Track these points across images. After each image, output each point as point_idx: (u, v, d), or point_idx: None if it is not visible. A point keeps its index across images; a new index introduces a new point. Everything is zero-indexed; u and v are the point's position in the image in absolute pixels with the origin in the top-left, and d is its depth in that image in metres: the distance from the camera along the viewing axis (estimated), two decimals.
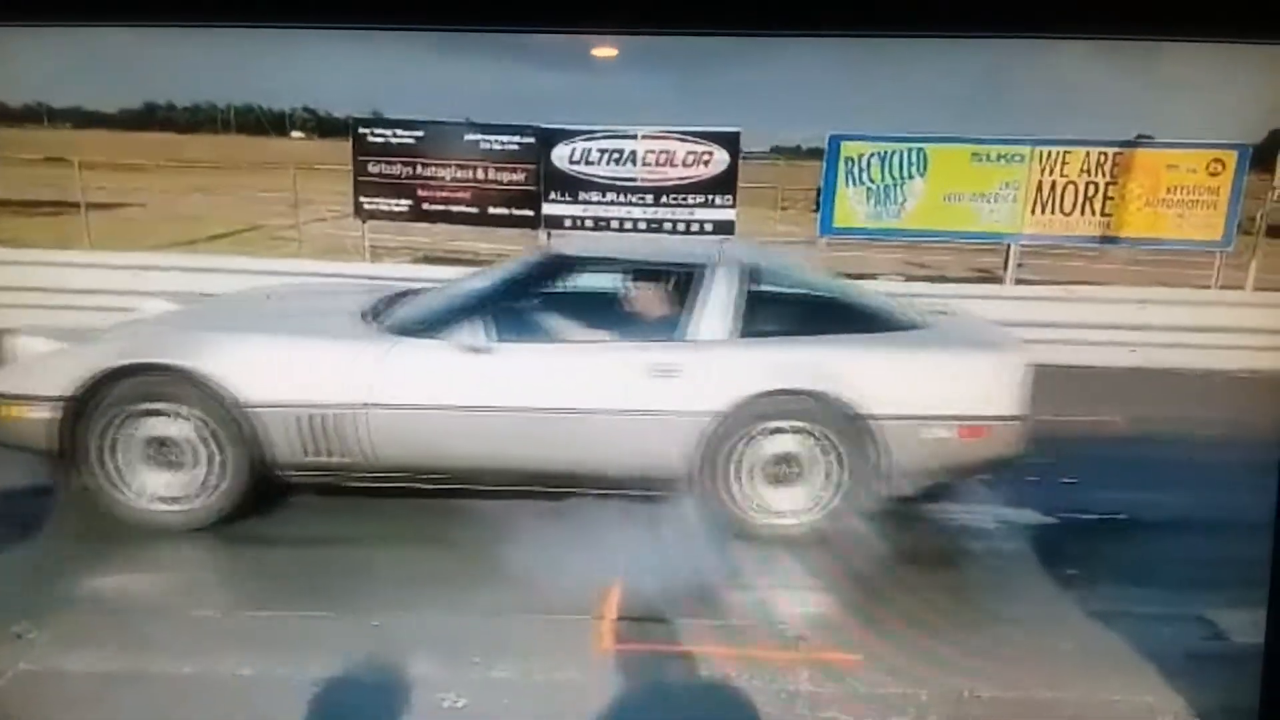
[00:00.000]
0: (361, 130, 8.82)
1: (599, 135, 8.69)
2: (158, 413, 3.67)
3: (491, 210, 8.83)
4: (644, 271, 4.21)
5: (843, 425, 3.78)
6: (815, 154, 9.19)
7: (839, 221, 8.93)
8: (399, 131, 8.81)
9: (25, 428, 3.64)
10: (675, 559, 3.53)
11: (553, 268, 4.28)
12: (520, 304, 4.06)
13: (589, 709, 2.74)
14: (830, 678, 2.96)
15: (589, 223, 8.79)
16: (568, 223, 8.80)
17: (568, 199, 8.77)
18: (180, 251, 9.81)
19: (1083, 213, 8.71)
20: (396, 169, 8.83)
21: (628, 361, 3.80)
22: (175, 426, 3.68)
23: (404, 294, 4.41)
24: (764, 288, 4.14)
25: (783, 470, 3.84)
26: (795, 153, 13.53)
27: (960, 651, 3.06)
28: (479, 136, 8.80)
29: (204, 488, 3.71)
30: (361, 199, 8.90)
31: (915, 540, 3.93)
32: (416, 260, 9.99)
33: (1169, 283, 8.57)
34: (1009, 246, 9.00)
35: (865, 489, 3.82)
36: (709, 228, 8.83)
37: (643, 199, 8.76)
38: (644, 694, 2.86)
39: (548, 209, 8.79)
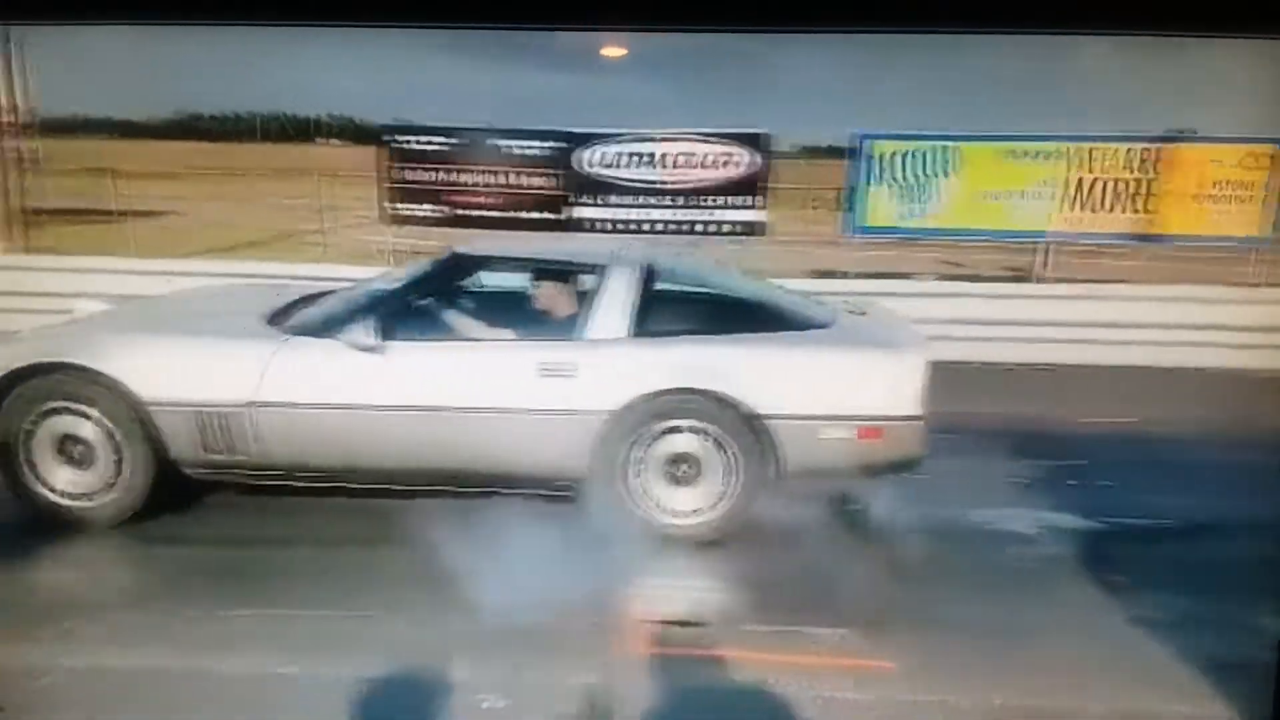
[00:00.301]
0: (388, 136, 9.01)
1: (624, 139, 8.76)
2: (66, 410, 3.80)
3: (519, 214, 8.95)
4: (543, 271, 4.20)
5: (737, 425, 3.73)
6: (842, 153, 9.10)
7: (869, 220, 8.84)
8: (426, 137, 8.98)
9: None
10: (571, 560, 3.52)
11: (453, 267, 4.27)
12: (419, 303, 4.08)
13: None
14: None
15: (615, 225, 8.85)
16: (594, 225, 8.87)
17: (594, 202, 8.86)
18: (214, 258, 10.09)
19: (1123, 210, 8.49)
20: (423, 174, 9.00)
21: (520, 360, 3.78)
22: (82, 425, 3.80)
23: (315, 295, 4.47)
24: (663, 287, 4.11)
25: (680, 470, 3.80)
26: (822, 152, 13.35)
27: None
28: (505, 141, 8.93)
29: (109, 485, 3.83)
30: (389, 204, 9.10)
31: (960, 549, 3.89)
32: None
33: (1207, 280, 8.28)
34: (1045, 245, 8.82)
35: (762, 488, 3.77)
36: (738, 229, 8.86)
37: (669, 201, 8.81)
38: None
39: (574, 212, 8.90)
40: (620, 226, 8.81)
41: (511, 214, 8.93)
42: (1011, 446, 4.85)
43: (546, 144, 8.83)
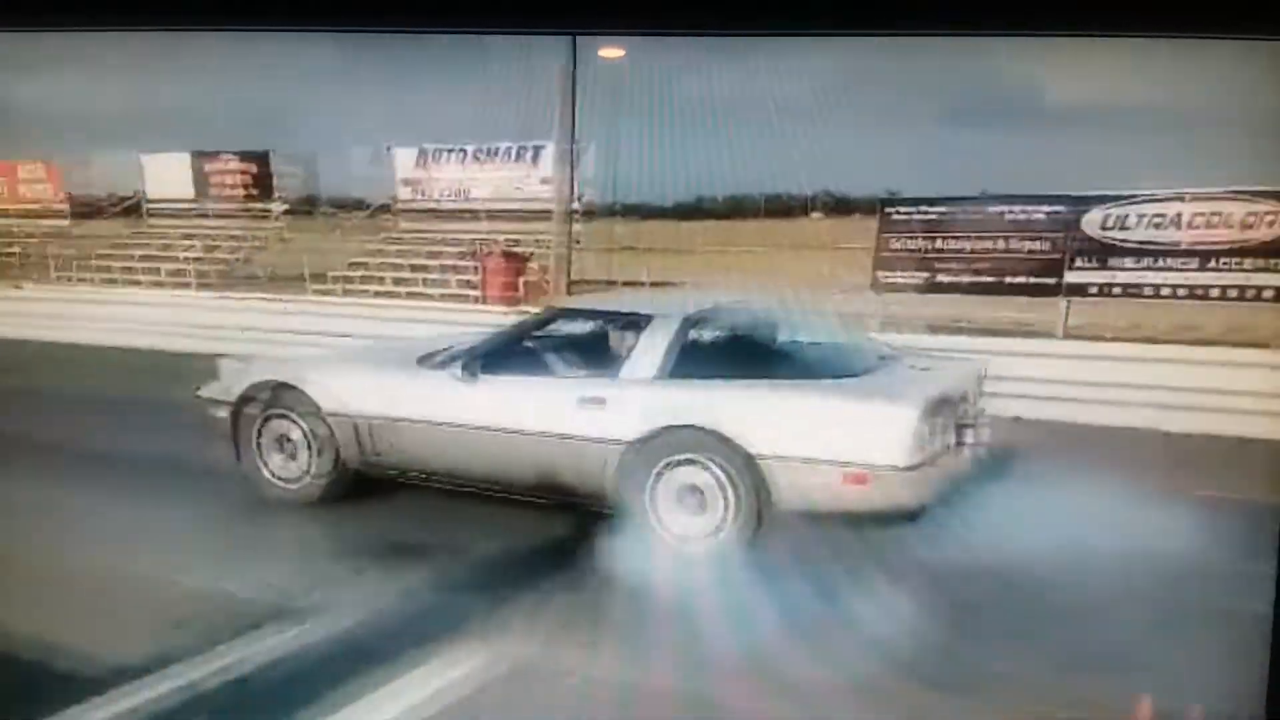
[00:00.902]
0: (887, 209, 9.31)
1: (1139, 200, 8.36)
2: (283, 416, 5.24)
3: (1008, 280, 8.81)
4: (609, 319, 4.93)
5: (736, 462, 4.18)
6: None
7: None
8: (922, 208, 9.19)
9: (215, 423, 5.42)
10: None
11: (547, 318, 5.19)
12: (516, 346, 5.03)
13: None
14: None
15: (1117, 289, 8.43)
16: (1094, 289, 8.49)
17: (1095, 265, 8.50)
18: None
19: None
20: (915, 243, 9.18)
21: (566, 393, 4.59)
22: (292, 429, 5.22)
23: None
24: (702, 335, 4.65)
25: (687, 498, 4.33)
26: None
27: None
28: (1004, 207, 8.83)
29: (306, 473, 5.20)
30: (880, 273, 9.34)
31: None
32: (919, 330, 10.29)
33: None
34: None
35: (759, 520, 4.17)
36: (1261, 293, 7.92)
37: (1183, 264, 8.20)
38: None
39: (1072, 276, 8.58)
40: (1120, 290, 8.37)
41: (1002, 279, 8.77)
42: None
43: (1049, 208, 8.61)
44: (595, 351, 5.00)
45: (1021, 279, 8.60)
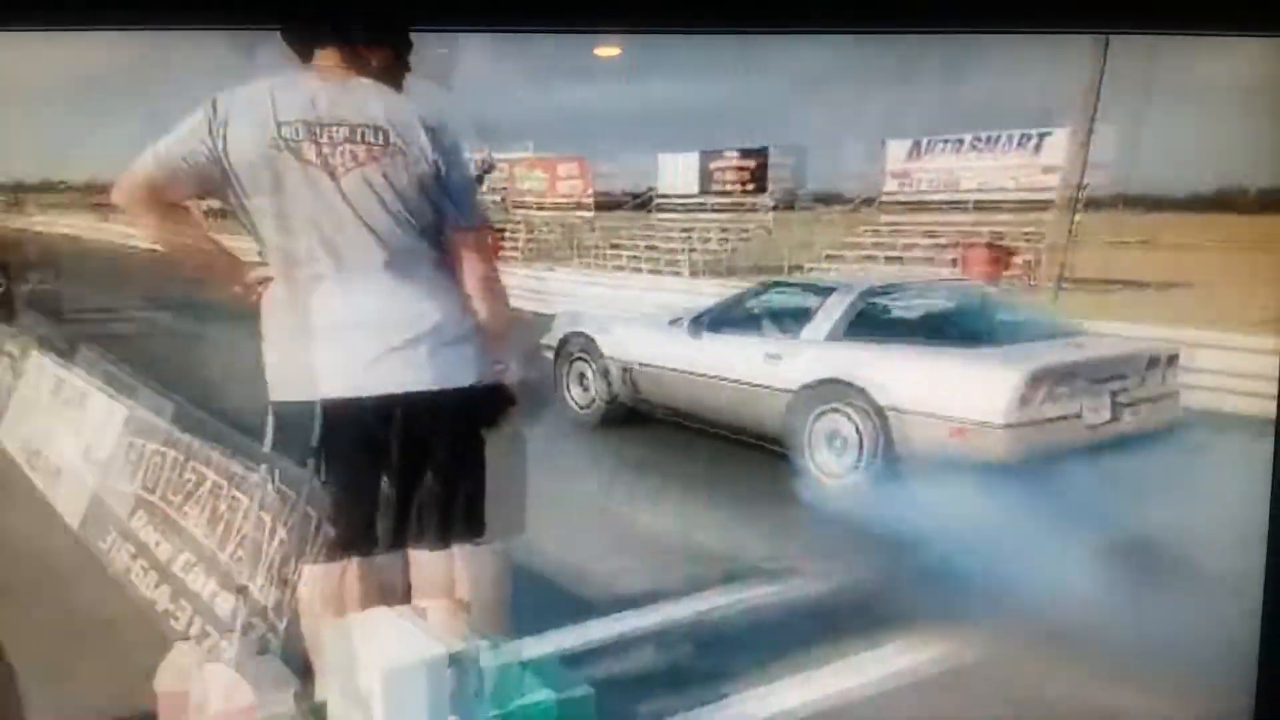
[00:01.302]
0: None
1: None
2: (581, 359, 6.73)
3: None
4: (806, 289, 5.74)
5: (868, 412, 4.88)
6: None
7: None
8: None
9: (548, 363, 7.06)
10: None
11: (762, 288, 6.14)
12: (735, 310, 6.02)
13: None
14: None
15: None
16: None
17: None
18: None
19: None
20: None
21: (759, 349, 5.52)
22: (586, 368, 6.69)
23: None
24: (881, 304, 5.39)
25: (833, 441, 5.08)
26: None
27: None
28: None
29: (592, 402, 6.65)
30: None
31: None
32: None
33: None
34: None
35: (885, 463, 4.83)
36: None
37: None
38: None
39: None
40: None
41: None
42: None
43: None
44: (790, 317, 5.85)
45: None
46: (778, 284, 6.40)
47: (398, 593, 2.43)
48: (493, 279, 2.50)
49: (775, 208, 10.93)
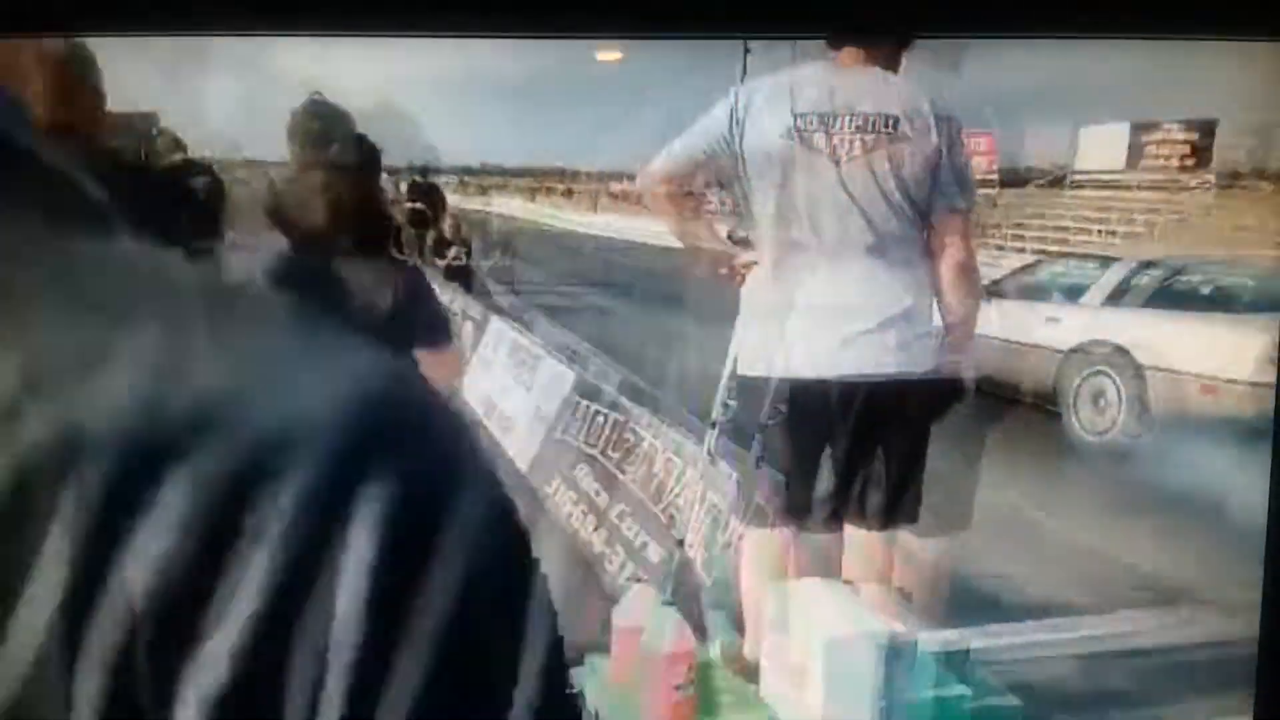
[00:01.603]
0: None
1: None
2: None
3: None
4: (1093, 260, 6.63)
5: (1128, 371, 5.70)
6: None
7: None
8: None
9: None
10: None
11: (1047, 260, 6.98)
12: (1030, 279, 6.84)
13: None
14: None
15: None
16: None
17: None
18: None
19: None
20: None
21: (1040, 314, 6.34)
22: None
23: None
24: (1154, 275, 6.13)
25: (1096, 398, 5.89)
26: None
27: None
28: None
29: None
30: None
31: None
32: None
33: None
34: None
35: (1141, 419, 5.66)
36: None
37: None
38: None
39: None
40: None
41: None
42: None
43: None
44: (1076, 287, 6.63)
45: None
46: (1063, 255, 7.27)
47: (831, 569, 2.50)
48: (970, 266, 2.48)
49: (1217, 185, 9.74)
